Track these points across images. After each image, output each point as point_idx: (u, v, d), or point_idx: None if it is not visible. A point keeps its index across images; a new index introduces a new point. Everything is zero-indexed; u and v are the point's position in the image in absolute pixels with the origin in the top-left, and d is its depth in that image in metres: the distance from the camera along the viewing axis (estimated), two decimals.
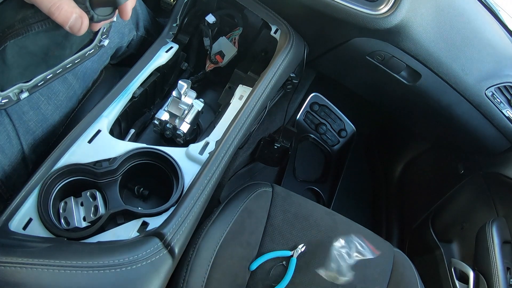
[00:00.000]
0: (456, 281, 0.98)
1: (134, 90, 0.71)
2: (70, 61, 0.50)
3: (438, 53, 0.78)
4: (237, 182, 1.20)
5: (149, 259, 0.47)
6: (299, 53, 0.82)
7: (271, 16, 0.79)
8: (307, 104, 1.47)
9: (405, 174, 1.44)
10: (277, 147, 1.11)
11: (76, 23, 0.39)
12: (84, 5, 0.40)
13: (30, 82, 0.47)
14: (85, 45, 0.51)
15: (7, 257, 0.39)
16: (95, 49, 0.53)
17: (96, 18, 0.41)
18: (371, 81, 0.98)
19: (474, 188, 1.11)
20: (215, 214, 0.76)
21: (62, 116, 0.68)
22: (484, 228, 0.97)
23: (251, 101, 0.68)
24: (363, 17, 0.70)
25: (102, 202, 0.57)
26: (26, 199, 0.52)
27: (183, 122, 0.73)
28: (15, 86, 0.45)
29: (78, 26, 0.40)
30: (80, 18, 0.39)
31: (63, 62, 0.49)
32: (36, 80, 0.48)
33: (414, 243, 1.26)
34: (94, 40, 0.52)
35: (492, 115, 0.90)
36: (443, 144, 1.24)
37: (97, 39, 0.52)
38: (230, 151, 0.63)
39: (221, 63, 0.91)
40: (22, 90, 0.46)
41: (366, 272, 0.80)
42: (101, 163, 0.59)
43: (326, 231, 0.82)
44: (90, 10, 0.40)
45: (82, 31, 0.41)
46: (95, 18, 0.41)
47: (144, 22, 0.89)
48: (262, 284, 0.74)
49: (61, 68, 0.50)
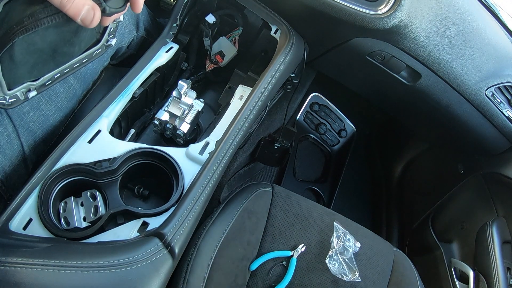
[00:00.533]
0: (456, 281, 0.99)
1: (134, 90, 0.71)
2: (78, 61, 0.50)
3: (438, 53, 0.78)
4: (237, 182, 1.20)
5: (149, 259, 0.47)
6: (299, 53, 0.82)
7: (271, 16, 0.79)
8: (307, 104, 1.47)
9: (405, 174, 1.44)
10: (277, 147, 1.11)
11: (88, 15, 0.39)
12: None
13: (38, 81, 0.46)
14: (92, 45, 0.50)
15: (7, 257, 0.39)
16: (103, 48, 0.52)
17: (108, 10, 0.40)
18: (371, 81, 0.98)
19: (474, 188, 1.11)
20: (215, 214, 0.76)
21: (62, 117, 0.68)
22: (484, 228, 0.97)
23: (251, 101, 0.68)
24: (363, 17, 0.70)
25: (102, 202, 0.57)
26: (26, 199, 0.52)
27: (183, 122, 0.73)
28: (23, 85, 0.44)
29: (90, 18, 0.39)
30: (92, 10, 0.39)
31: (71, 61, 0.49)
32: (44, 79, 0.47)
33: (414, 243, 1.26)
34: (101, 40, 0.51)
35: (492, 115, 0.90)
36: (443, 144, 1.24)
37: (104, 39, 0.51)
38: (230, 151, 0.63)
39: (221, 63, 0.91)
40: (30, 89, 0.45)
41: (366, 272, 0.80)
42: (101, 163, 0.59)
43: (326, 231, 0.82)
44: (102, 2, 0.40)
45: (94, 24, 0.40)
46: (107, 10, 0.40)
47: (144, 22, 0.89)
48: (262, 284, 0.74)
49: (68, 68, 0.49)
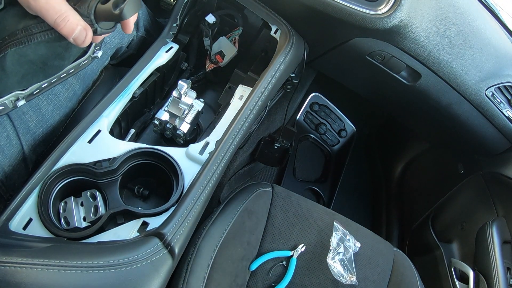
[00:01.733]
0: (456, 281, 0.99)
1: (134, 90, 0.71)
2: (65, 71, 0.52)
3: (438, 53, 0.78)
4: (237, 182, 1.20)
5: (149, 259, 0.47)
6: (299, 53, 0.82)
7: (271, 16, 0.79)
8: (307, 104, 1.47)
9: (405, 174, 1.44)
10: (277, 147, 1.11)
11: (81, 35, 0.40)
12: (89, 18, 0.41)
13: (26, 90, 0.48)
14: (79, 56, 0.53)
15: (7, 257, 0.39)
16: (89, 60, 0.55)
17: (99, 31, 0.43)
18: (371, 81, 0.98)
19: (474, 188, 1.11)
20: (215, 214, 0.76)
21: (62, 116, 0.68)
22: (484, 228, 0.97)
23: (251, 101, 0.68)
24: (363, 17, 0.70)
25: (102, 202, 0.57)
26: (26, 199, 0.52)
27: (183, 122, 0.73)
28: (12, 94, 0.46)
29: (82, 38, 0.41)
30: (84, 30, 0.40)
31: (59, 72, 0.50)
32: (32, 89, 0.49)
33: (414, 243, 1.26)
34: (88, 52, 0.53)
35: (492, 115, 0.90)
36: (443, 144, 1.24)
37: (90, 51, 0.54)
38: (230, 151, 0.63)
39: (221, 63, 0.91)
40: (18, 97, 0.47)
41: (366, 272, 0.80)
42: (101, 163, 0.59)
43: (326, 231, 0.82)
44: (94, 24, 0.42)
45: (86, 43, 0.42)
46: (98, 31, 0.42)
47: (144, 22, 0.89)
48: (262, 284, 0.74)
49: (56, 78, 0.51)
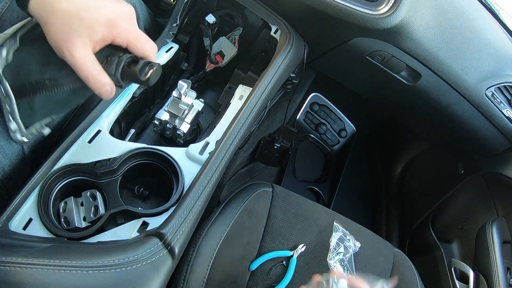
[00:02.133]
0: (456, 281, 0.99)
1: (134, 90, 0.71)
2: None
3: (438, 53, 0.78)
4: (237, 182, 1.20)
5: (149, 259, 0.47)
6: (299, 53, 0.82)
7: (271, 16, 0.79)
8: (307, 104, 1.47)
9: (405, 174, 1.44)
10: (277, 147, 1.11)
11: (107, 91, 0.46)
12: (116, 78, 0.47)
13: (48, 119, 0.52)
14: None
15: (7, 257, 0.39)
16: None
17: (124, 86, 0.49)
18: (371, 81, 0.98)
19: (474, 188, 1.11)
20: (215, 214, 0.76)
21: (62, 117, 0.68)
22: (484, 228, 0.97)
23: (251, 101, 0.68)
24: (363, 17, 0.70)
25: (102, 202, 0.57)
26: (26, 199, 0.52)
27: (183, 122, 0.73)
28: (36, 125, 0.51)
29: (108, 93, 0.46)
30: (110, 87, 0.46)
31: None
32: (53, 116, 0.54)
33: (414, 243, 1.26)
34: None
35: (492, 115, 0.90)
36: (443, 144, 1.24)
37: None
38: (230, 151, 0.63)
39: (221, 63, 0.91)
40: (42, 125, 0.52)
41: (366, 272, 0.80)
42: (101, 163, 0.59)
43: (326, 231, 0.82)
44: (120, 82, 0.47)
45: (109, 97, 0.47)
46: (123, 86, 0.49)
47: (144, 22, 0.88)
48: (262, 284, 0.74)
49: None
